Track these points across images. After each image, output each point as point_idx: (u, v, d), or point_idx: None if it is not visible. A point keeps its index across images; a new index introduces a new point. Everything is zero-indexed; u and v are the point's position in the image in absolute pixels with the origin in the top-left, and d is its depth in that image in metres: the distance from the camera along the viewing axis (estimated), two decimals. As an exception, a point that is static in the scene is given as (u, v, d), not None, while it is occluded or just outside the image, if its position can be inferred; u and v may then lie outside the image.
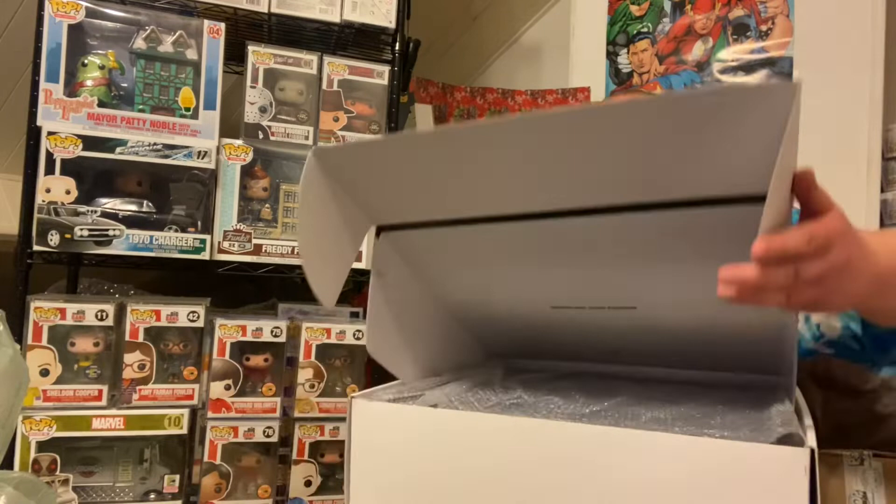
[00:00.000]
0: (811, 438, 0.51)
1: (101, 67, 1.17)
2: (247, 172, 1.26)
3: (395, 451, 0.65)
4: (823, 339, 0.93)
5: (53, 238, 1.13)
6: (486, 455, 0.60)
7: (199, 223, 1.21)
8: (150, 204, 1.19)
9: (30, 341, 1.12)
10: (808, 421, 0.57)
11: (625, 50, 1.87)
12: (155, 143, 1.18)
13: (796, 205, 0.61)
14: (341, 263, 0.71)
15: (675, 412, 0.64)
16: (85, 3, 1.16)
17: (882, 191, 1.49)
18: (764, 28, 1.61)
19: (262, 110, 1.27)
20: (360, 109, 1.34)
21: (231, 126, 1.28)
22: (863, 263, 0.55)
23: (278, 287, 1.69)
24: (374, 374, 1.33)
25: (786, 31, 1.58)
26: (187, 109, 1.21)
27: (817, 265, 0.49)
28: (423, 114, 1.80)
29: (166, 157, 1.19)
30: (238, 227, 1.25)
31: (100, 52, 1.18)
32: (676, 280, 0.68)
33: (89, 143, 1.15)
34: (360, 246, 0.74)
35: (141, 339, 1.18)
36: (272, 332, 1.24)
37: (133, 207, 1.18)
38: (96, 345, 1.17)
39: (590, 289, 0.74)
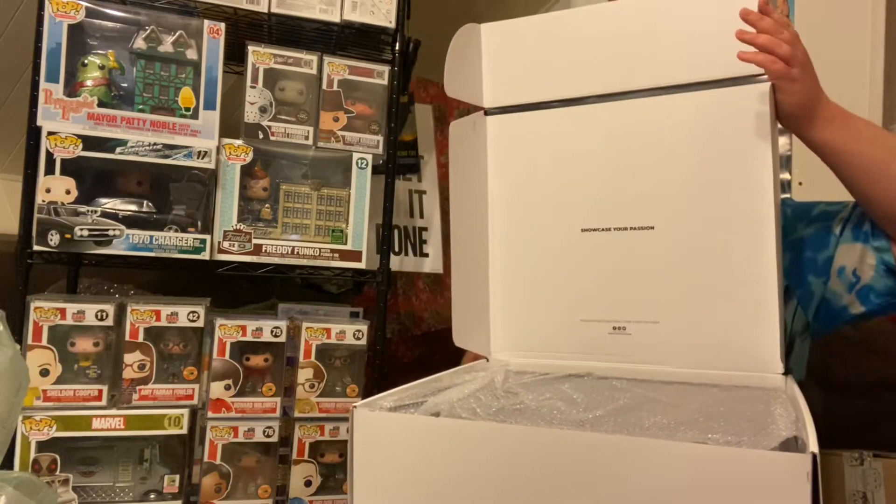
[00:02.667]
0: (813, 443, 0.51)
1: (101, 67, 1.17)
2: (247, 172, 1.26)
3: (397, 460, 0.65)
4: (858, 284, 0.93)
5: (53, 238, 1.13)
6: (489, 464, 0.60)
7: (199, 223, 1.21)
8: (150, 204, 1.19)
9: (30, 341, 1.12)
10: (810, 422, 0.57)
11: (625, 50, 1.87)
12: (155, 143, 1.18)
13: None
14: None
15: (678, 416, 0.64)
16: (85, 3, 1.16)
17: (882, 191, 1.49)
18: (764, 28, 1.61)
19: (262, 110, 1.27)
20: (360, 109, 1.34)
21: (231, 126, 1.28)
22: (813, 80, 0.83)
23: (278, 287, 1.70)
24: (375, 374, 1.33)
25: (786, 31, 1.58)
26: (187, 109, 1.21)
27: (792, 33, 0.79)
28: (423, 114, 1.80)
29: (166, 157, 1.19)
30: (238, 227, 1.25)
31: (100, 52, 1.18)
32: (688, 198, 0.82)
33: (89, 143, 1.15)
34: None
35: (141, 339, 1.18)
36: (272, 332, 1.24)
37: (133, 207, 1.18)
38: (96, 345, 1.17)
39: (614, 207, 0.85)
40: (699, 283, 0.83)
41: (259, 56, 1.27)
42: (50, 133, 1.13)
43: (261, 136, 1.27)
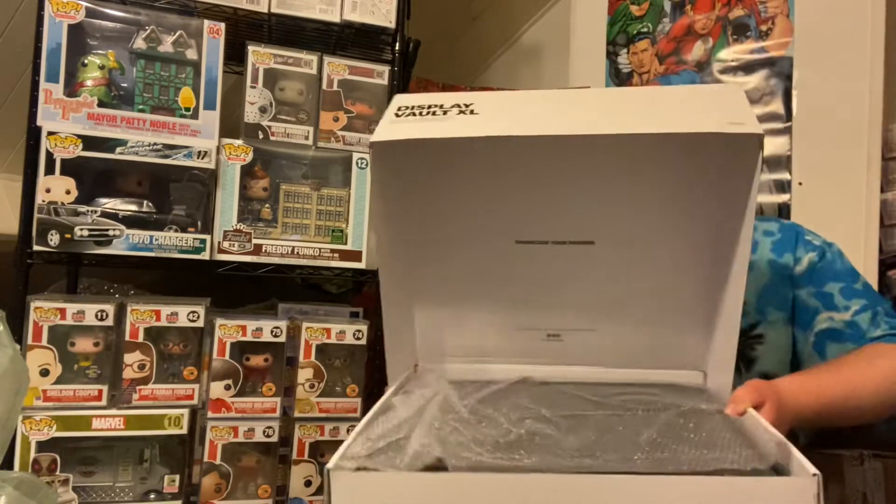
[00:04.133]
0: (808, 464, 0.54)
1: (101, 67, 1.18)
2: (247, 172, 1.26)
3: None
4: None
5: (53, 238, 1.13)
6: None
7: (199, 223, 1.21)
8: (150, 204, 1.19)
9: (30, 341, 1.12)
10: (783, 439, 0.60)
11: (625, 50, 1.87)
12: (155, 143, 1.18)
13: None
14: None
15: (662, 434, 0.65)
16: (85, 3, 1.16)
17: (882, 191, 1.49)
18: (764, 28, 1.62)
19: (262, 110, 1.27)
20: (360, 109, 1.34)
21: (231, 126, 1.28)
22: (785, 420, 0.74)
23: (278, 287, 1.69)
24: (375, 374, 1.33)
25: (786, 31, 1.58)
26: (187, 109, 1.21)
27: None
28: (423, 114, 1.80)
29: (166, 157, 1.19)
30: (238, 227, 1.25)
31: (100, 52, 1.18)
32: (630, 214, 0.80)
33: (89, 143, 1.15)
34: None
35: (141, 339, 1.18)
36: (272, 332, 1.24)
37: (133, 207, 1.18)
38: (96, 345, 1.17)
39: (553, 221, 0.81)
40: (638, 295, 0.85)
41: (259, 56, 1.27)
42: (50, 133, 1.13)
43: (261, 136, 1.27)
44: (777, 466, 0.58)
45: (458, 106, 0.76)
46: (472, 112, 0.75)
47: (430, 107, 0.76)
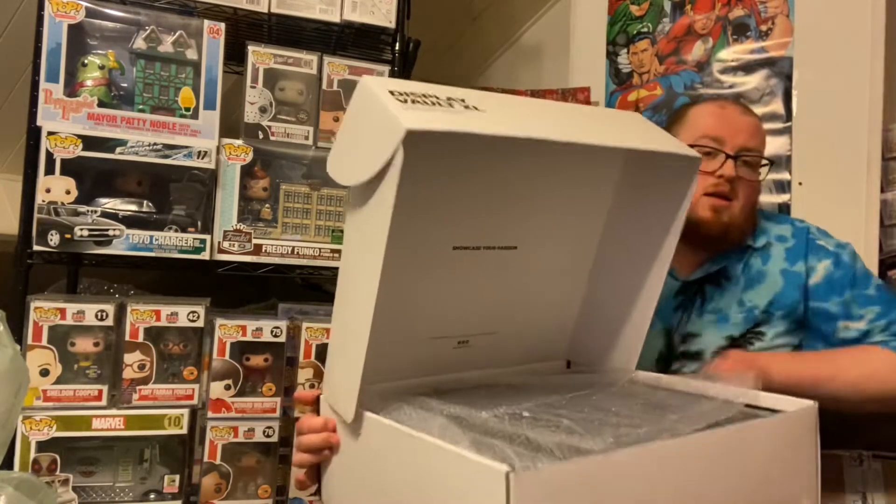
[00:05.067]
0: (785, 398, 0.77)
1: (101, 67, 1.17)
2: (247, 172, 1.26)
3: None
4: None
5: (53, 238, 1.13)
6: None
7: (199, 223, 1.21)
8: (150, 204, 1.19)
9: (30, 341, 1.12)
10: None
11: (625, 50, 1.87)
12: (155, 143, 1.18)
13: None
14: None
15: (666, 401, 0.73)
16: (85, 3, 1.16)
17: (882, 191, 1.49)
18: (764, 28, 1.61)
19: (262, 110, 1.27)
20: (360, 109, 1.34)
21: (231, 126, 1.28)
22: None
23: (278, 287, 1.70)
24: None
25: (786, 31, 1.58)
26: (187, 109, 1.21)
27: None
28: (423, 114, 1.80)
29: (166, 157, 1.19)
30: (238, 227, 1.25)
31: (100, 52, 1.18)
32: (550, 222, 0.86)
33: (89, 143, 1.15)
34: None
35: (141, 339, 1.18)
36: (272, 332, 1.24)
37: (133, 207, 1.18)
38: (96, 345, 1.17)
39: (489, 226, 0.82)
40: (534, 297, 0.88)
41: (259, 56, 1.27)
42: (50, 133, 1.13)
43: (261, 136, 1.27)
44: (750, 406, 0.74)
45: (455, 100, 0.70)
46: (475, 108, 0.70)
47: (424, 95, 0.69)
